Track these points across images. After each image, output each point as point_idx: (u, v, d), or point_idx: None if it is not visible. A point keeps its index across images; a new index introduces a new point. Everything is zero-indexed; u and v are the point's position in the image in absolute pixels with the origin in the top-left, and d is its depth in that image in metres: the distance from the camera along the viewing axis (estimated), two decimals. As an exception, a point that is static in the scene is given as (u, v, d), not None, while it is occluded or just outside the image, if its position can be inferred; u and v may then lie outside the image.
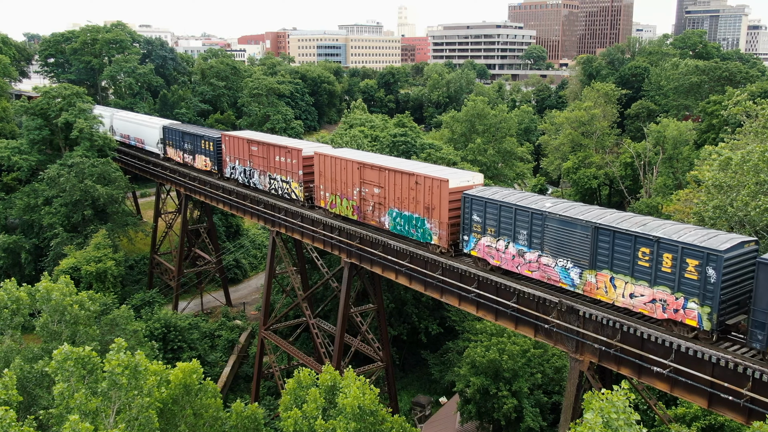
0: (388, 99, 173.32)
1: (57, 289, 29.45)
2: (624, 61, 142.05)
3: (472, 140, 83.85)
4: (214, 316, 66.57)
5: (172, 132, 59.39)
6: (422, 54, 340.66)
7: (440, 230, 31.01)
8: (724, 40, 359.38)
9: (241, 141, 47.56)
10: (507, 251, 28.02)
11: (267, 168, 44.61)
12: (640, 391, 26.77)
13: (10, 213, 66.66)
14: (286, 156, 42.24)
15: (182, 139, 57.00)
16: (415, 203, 32.25)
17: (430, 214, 31.36)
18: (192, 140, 55.32)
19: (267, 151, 44.36)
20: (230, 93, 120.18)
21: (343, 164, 36.87)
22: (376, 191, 34.80)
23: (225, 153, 50.06)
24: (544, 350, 45.46)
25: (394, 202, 33.63)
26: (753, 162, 32.76)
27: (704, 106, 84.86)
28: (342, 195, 37.41)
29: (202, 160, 54.19)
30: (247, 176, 47.36)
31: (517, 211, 27.24)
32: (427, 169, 33.23)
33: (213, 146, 51.83)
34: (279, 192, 43.95)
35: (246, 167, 47.28)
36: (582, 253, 24.95)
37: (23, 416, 23.54)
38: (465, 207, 29.66)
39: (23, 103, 68.40)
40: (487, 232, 28.78)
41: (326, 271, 47.15)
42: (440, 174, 31.31)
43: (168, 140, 60.14)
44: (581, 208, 26.26)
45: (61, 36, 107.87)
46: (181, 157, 57.80)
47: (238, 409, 25.09)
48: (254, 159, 46.02)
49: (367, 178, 35.30)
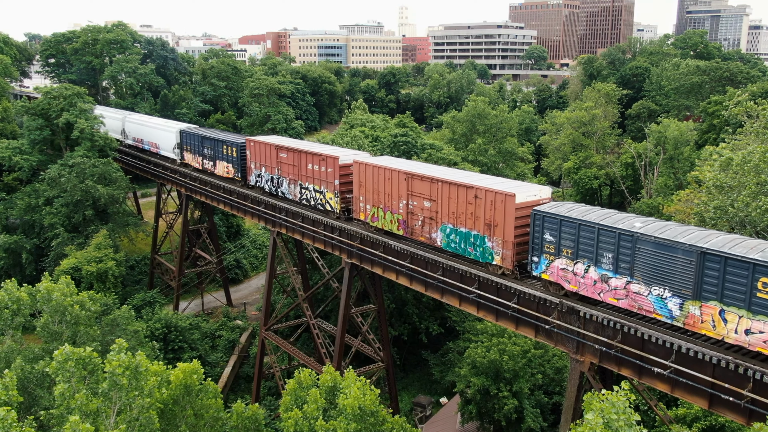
0: (388, 99, 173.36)
1: (58, 290, 29.47)
2: (625, 61, 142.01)
3: (473, 140, 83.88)
4: (215, 316, 66.60)
5: (190, 136, 56.28)
6: (423, 54, 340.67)
7: (504, 250, 27.94)
8: (725, 40, 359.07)
9: (268, 147, 44.17)
10: (587, 276, 24.91)
11: (298, 177, 41.41)
12: (640, 391, 26.75)
13: (11, 213, 66.73)
14: (321, 164, 38.95)
15: (202, 144, 53.99)
16: (473, 219, 29.12)
17: (492, 231, 28.26)
18: (213, 145, 52.21)
19: (298, 159, 41.09)
20: (231, 93, 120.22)
21: (387, 174, 33.85)
22: (426, 205, 31.70)
23: (250, 159, 46.77)
24: (545, 351, 45.46)
25: (448, 217, 30.51)
26: (754, 162, 32.76)
27: (705, 106, 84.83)
28: (385, 208, 34.37)
29: (224, 166, 51.05)
30: (275, 185, 44.20)
31: (600, 232, 24.17)
32: (488, 181, 30.16)
33: (236, 152, 48.75)
34: (311, 203, 40.71)
35: (274, 175, 44.10)
36: (683, 282, 21.84)
37: (24, 416, 23.56)
38: (535, 225, 26.58)
39: (24, 103, 68.47)
40: (562, 254, 25.73)
41: (327, 272, 47.15)
42: (504, 187, 28.29)
43: (186, 145, 57.13)
44: (678, 228, 23.22)
45: (62, 36, 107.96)
46: (200, 163, 54.72)
47: (239, 409, 25.10)
48: (283, 167, 42.81)
49: (416, 190, 32.20)
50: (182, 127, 59.41)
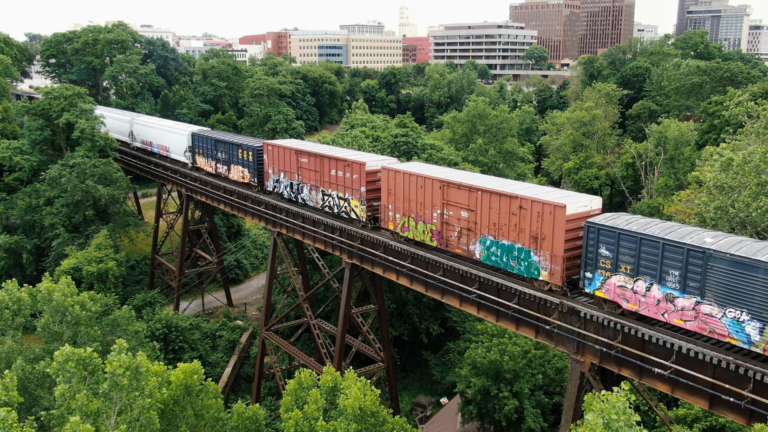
0: (389, 99, 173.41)
1: (58, 290, 29.47)
2: (625, 62, 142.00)
3: (474, 140, 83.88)
4: (216, 316, 66.64)
5: (202, 139, 54.29)
6: (423, 54, 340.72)
7: (553, 264, 26.04)
8: (726, 40, 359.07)
9: (287, 151, 42.05)
10: (649, 294, 23.01)
11: (320, 183, 39.37)
12: (641, 392, 26.75)
13: (11, 213, 66.79)
14: (345, 170, 36.81)
15: (215, 148, 52.00)
16: (517, 231, 27.23)
17: (538, 244, 26.39)
18: (227, 149, 50.18)
19: (320, 164, 38.95)
20: (231, 93, 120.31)
21: (420, 182, 31.86)
22: (463, 215, 29.74)
23: (267, 164, 44.69)
24: (545, 351, 45.45)
25: (489, 228, 28.59)
26: (754, 163, 32.75)
27: (705, 106, 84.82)
28: (417, 217, 32.33)
29: (239, 171, 48.93)
30: (295, 191, 42.07)
31: (666, 247, 22.22)
32: (533, 191, 28.11)
33: (253, 156, 46.69)
34: (335, 210, 38.65)
35: (293, 181, 41.93)
36: (765, 304, 20.07)
37: (24, 417, 23.58)
38: (589, 238, 24.68)
39: (25, 104, 68.51)
40: (619, 270, 23.85)
41: (327, 272, 47.16)
42: (553, 198, 26.28)
43: (198, 148, 55.13)
44: (755, 245, 21.25)
45: (63, 36, 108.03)
46: (214, 167, 52.74)
47: (240, 409, 25.09)
48: (304, 172, 40.72)
49: (452, 199, 30.21)
50: (194, 129, 57.55)
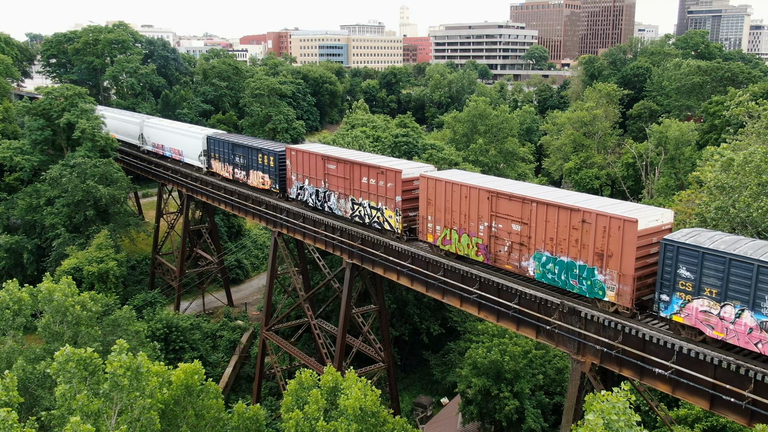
0: (389, 99, 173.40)
1: (59, 290, 29.47)
2: (626, 62, 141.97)
3: (474, 140, 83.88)
4: (216, 316, 66.66)
5: (218, 143, 52.18)
6: (424, 54, 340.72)
7: (621, 284, 23.86)
8: (727, 40, 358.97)
9: (313, 157, 39.84)
10: (739, 322, 20.87)
11: (349, 191, 37.19)
12: (641, 392, 26.74)
13: (12, 213, 66.82)
14: (379, 178, 34.59)
15: (232, 152, 49.94)
16: (579, 247, 25.03)
17: (604, 262, 24.20)
18: (246, 153, 48.11)
19: (350, 171, 36.74)
20: (232, 93, 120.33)
21: (465, 192, 29.65)
22: (515, 228, 27.58)
23: (290, 170, 42.49)
24: (546, 351, 45.44)
25: (545, 243, 26.41)
26: (755, 163, 32.71)
27: (706, 106, 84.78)
28: (461, 230, 30.13)
29: (259, 176, 46.81)
30: (321, 199, 39.90)
31: (761, 270, 20.00)
32: (597, 203, 25.77)
33: (274, 161, 44.62)
34: (366, 221, 36.42)
35: (319, 188, 39.74)
36: None
37: (25, 417, 23.59)
38: (666, 257, 22.50)
39: (25, 104, 68.55)
40: (703, 294, 21.67)
41: (328, 272, 47.19)
42: (622, 211, 24.01)
43: (213, 152, 53.09)
44: None
45: (64, 36, 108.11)
46: (231, 172, 50.62)
47: (240, 410, 25.10)
48: (331, 179, 38.54)
49: (502, 210, 28.05)
50: (209, 133, 55.36)
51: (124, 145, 71.63)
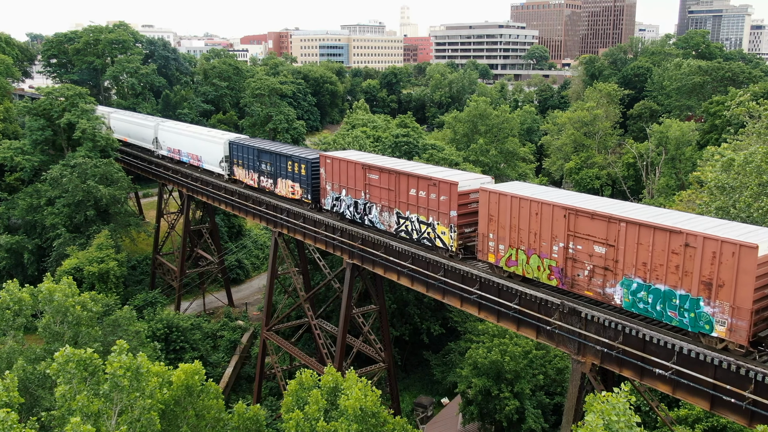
0: (390, 99, 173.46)
1: (59, 290, 29.48)
2: (626, 62, 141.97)
3: (475, 141, 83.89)
4: (217, 316, 66.68)
5: (242, 149, 49.30)
6: (425, 54, 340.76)
7: (734, 319, 20.77)
8: (727, 40, 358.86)
9: (352, 165, 36.80)
10: None
11: (394, 204, 34.19)
12: (642, 393, 26.73)
13: (12, 213, 66.87)
14: (431, 190, 31.60)
15: (258, 159, 47.02)
16: (680, 274, 21.94)
17: (712, 293, 21.11)
18: (273, 160, 45.19)
19: (396, 182, 33.72)
20: (233, 93, 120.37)
21: (535, 208, 26.41)
22: (598, 250, 24.40)
23: (324, 179, 39.52)
24: (546, 352, 45.43)
25: (635, 269, 23.27)
26: (756, 163, 32.72)
27: (707, 106, 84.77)
28: (530, 250, 27.07)
29: (288, 185, 43.91)
30: (360, 211, 36.90)
31: None
32: (701, 223, 22.49)
33: (306, 170, 41.70)
34: (414, 236, 33.36)
35: (359, 200, 36.69)
36: None
37: (26, 417, 23.61)
38: None
39: (26, 104, 68.60)
40: None
41: (328, 272, 47.20)
42: (734, 234, 20.85)
43: (236, 159, 50.35)
44: None
45: (64, 36, 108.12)
46: (256, 180, 47.74)
47: (240, 410, 25.11)
48: (373, 190, 35.56)
49: (582, 230, 24.87)
50: (231, 137, 52.50)
51: (136, 149, 69.72)
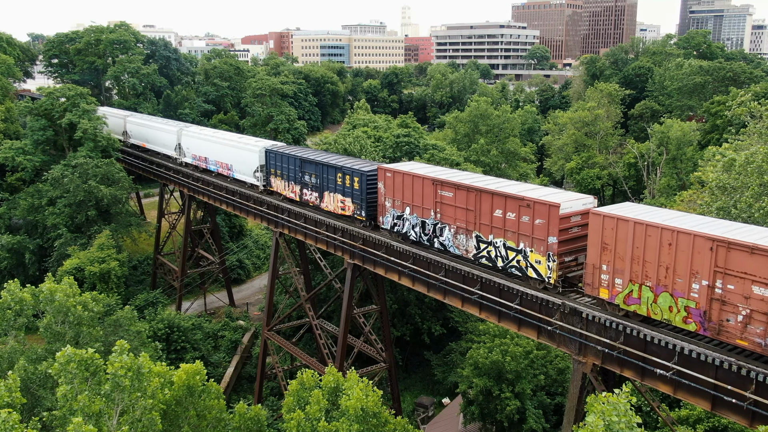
0: (391, 99, 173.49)
1: (60, 290, 29.51)
2: (628, 62, 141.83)
3: (476, 141, 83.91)
4: (218, 316, 66.71)
5: (281, 158, 45.00)
6: (426, 54, 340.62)
7: None
8: (729, 40, 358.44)
9: (419, 180, 32.47)
10: None
11: (473, 225, 29.89)
12: (643, 393, 26.73)
13: (14, 213, 66.96)
14: (523, 212, 27.37)
15: (301, 169, 42.76)
16: None
17: None
18: (319, 172, 40.84)
19: (477, 201, 29.39)
20: (234, 93, 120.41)
21: (668, 237, 22.16)
22: (759, 292, 20.10)
23: (383, 195, 35.21)
24: (547, 352, 45.39)
25: None
26: (757, 163, 32.72)
27: (708, 106, 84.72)
28: (658, 287, 22.73)
29: (337, 200, 39.35)
30: (429, 233, 32.56)
31: None
32: None
33: (359, 183, 37.23)
34: (498, 264, 28.99)
35: (427, 220, 32.38)
36: None
37: (27, 417, 23.63)
38: None
39: (27, 104, 68.68)
40: None
41: (329, 272, 47.22)
42: None
43: (274, 169, 46.19)
44: None
45: (65, 36, 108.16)
46: (298, 193, 43.47)
47: (242, 410, 25.13)
48: (446, 209, 31.24)
49: (736, 266, 20.54)
50: (267, 145, 48.30)
51: (156, 155, 65.78)
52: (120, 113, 76.65)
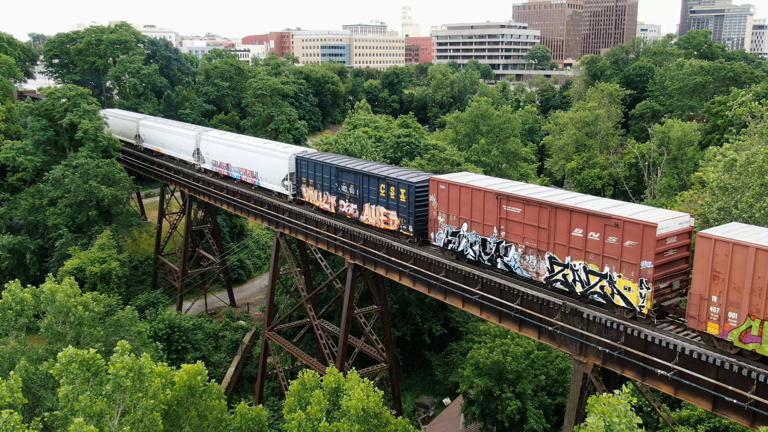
0: (392, 99, 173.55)
1: (61, 290, 29.51)
2: (628, 61, 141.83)
3: (476, 141, 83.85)
4: (218, 316, 66.73)
5: (314, 166, 41.58)
6: (426, 54, 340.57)
7: None
8: (729, 40, 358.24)
9: (480, 194, 29.27)
10: None
11: (546, 245, 26.61)
12: (644, 393, 26.73)
13: (15, 213, 66.99)
14: (608, 231, 24.22)
15: (337, 178, 39.34)
16: None
17: None
18: (359, 182, 37.46)
19: (551, 218, 26.21)
20: (234, 93, 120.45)
21: None
22: None
23: (435, 208, 31.87)
24: (548, 352, 45.39)
25: None
26: (758, 163, 32.69)
27: (709, 106, 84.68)
28: None
29: (380, 213, 35.93)
30: (491, 252, 29.33)
31: None
32: None
33: (407, 195, 33.83)
34: (577, 289, 25.57)
35: (489, 238, 29.16)
36: None
37: (28, 418, 23.66)
38: None
39: (28, 104, 68.70)
40: None
41: (330, 272, 47.22)
42: None
43: (306, 177, 42.76)
44: None
45: (66, 36, 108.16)
46: (333, 204, 40.00)
47: (243, 410, 25.15)
48: (512, 227, 28.01)
49: None
50: (297, 151, 44.99)
51: (172, 161, 62.83)
52: (132, 116, 74.17)
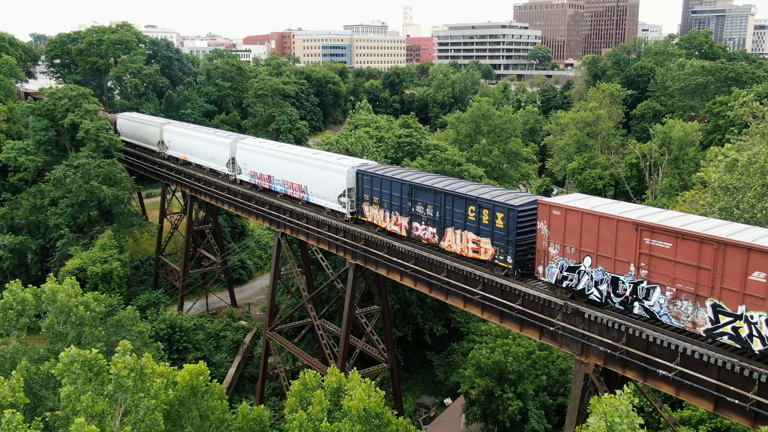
0: (393, 99, 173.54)
1: (62, 290, 29.55)
2: (629, 62, 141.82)
3: (477, 141, 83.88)
4: (220, 316, 66.75)
5: (379, 182, 36.04)
6: (427, 54, 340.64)
7: None
8: (730, 40, 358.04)
9: (611, 223, 23.93)
10: None
11: (708, 290, 21.37)
12: (645, 393, 26.71)
13: (16, 213, 67.06)
14: None
15: (411, 197, 33.71)
16: None
17: None
18: (440, 202, 31.95)
19: (716, 256, 21.00)
20: (235, 94, 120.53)
21: None
22: None
23: (548, 237, 26.60)
24: (549, 352, 45.41)
25: None
26: (759, 164, 32.70)
27: (710, 106, 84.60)
28: None
29: (467, 239, 30.75)
30: (624, 293, 23.96)
31: None
32: None
33: (506, 220, 28.53)
34: (756, 346, 20.20)
35: (623, 276, 23.83)
36: None
37: (30, 418, 23.68)
38: None
39: (30, 104, 68.77)
40: None
41: (331, 273, 47.23)
42: None
43: (369, 194, 37.16)
44: None
45: (67, 37, 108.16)
46: (404, 227, 34.52)
47: (245, 410, 25.15)
48: (657, 264, 22.68)
49: None
50: (357, 164, 39.01)
51: (199, 170, 57.15)
52: (155, 120, 68.40)
